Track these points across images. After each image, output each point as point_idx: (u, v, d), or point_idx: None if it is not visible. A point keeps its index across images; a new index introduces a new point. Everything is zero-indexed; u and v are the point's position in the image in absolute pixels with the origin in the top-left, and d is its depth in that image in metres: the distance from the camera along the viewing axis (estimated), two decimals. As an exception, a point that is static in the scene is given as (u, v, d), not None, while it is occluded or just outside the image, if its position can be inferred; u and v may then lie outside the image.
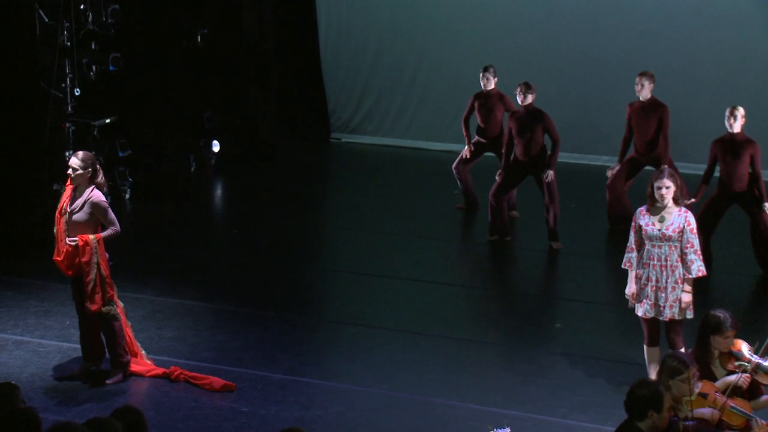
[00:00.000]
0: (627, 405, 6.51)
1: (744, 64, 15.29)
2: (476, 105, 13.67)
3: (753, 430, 7.03)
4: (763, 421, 7.04)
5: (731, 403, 7.09)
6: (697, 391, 7.03)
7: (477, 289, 11.87)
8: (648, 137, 12.72)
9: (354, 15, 17.66)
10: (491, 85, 13.52)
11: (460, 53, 16.76)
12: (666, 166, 9.40)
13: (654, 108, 12.67)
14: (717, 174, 11.59)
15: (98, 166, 9.35)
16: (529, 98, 12.51)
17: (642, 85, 12.62)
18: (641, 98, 12.69)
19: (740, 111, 11.33)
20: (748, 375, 7.28)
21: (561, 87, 15.66)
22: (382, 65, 17.57)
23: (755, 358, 7.41)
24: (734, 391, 7.23)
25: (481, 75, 13.58)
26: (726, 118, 11.35)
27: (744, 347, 7.49)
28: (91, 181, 9.24)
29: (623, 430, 6.54)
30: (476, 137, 13.83)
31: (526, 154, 12.53)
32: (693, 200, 10.37)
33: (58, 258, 9.33)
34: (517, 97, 12.59)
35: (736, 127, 11.31)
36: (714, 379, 7.34)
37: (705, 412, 7.09)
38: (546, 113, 12.50)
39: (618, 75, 15.20)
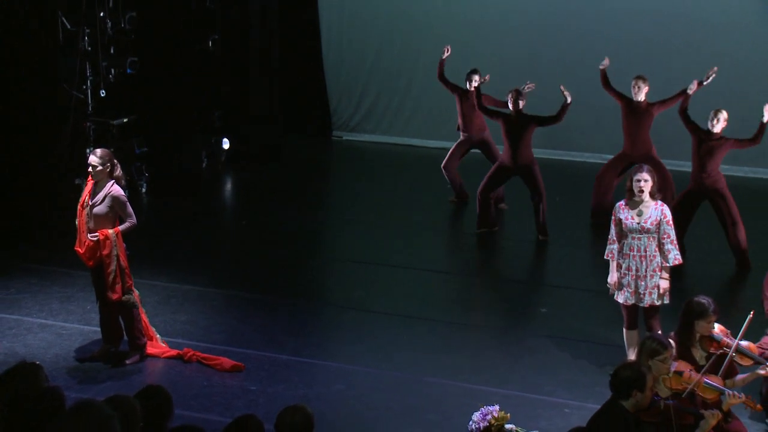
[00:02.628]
0: (612, 385, 6.52)
1: (741, 68, 15.20)
2: (458, 102, 13.71)
3: (725, 401, 7.09)
4: (735, 392, 7.09)
5: (705, 378, 7.14)
6: (673, 369, 7.06)
7: (469, 276, 11.88)
8: (639, 137, 12.64)
9: (354, 21, 17.66)
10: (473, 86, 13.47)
11: (454, 56, 16.72)
12: (645, 164, 9.40)
13: (646, 109, 12.56)
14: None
15: (115, 161, 9.36)
16: (520, 104, 12.46)
17: (639, 87, 12.51)
18: (637, 100, 12.54)
19: (723, 114, 11.34)
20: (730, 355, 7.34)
21: (550, 90, 15.59)
22: (381, 68, 17.57)
23: (733, 341, 7.44)
24: (711, 370, 7.27)
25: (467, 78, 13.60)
26: (709, 119, 11.35)
27: (719, 331, 7.53)
28: (110, 175, 9.24)
29: (608, 407, 6.54)
30: (460, 135, 13.86)
31: (514, 160, 12.51)
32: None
33: (80, 249, 9.33)
34: (509, 103, 12.54)
35: (717, 129, 11.32)
36: (693, 360, 7.37)
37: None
38: (534, 117, 12.44)
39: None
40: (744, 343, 7.55)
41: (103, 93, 13.76)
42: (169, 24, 15.52)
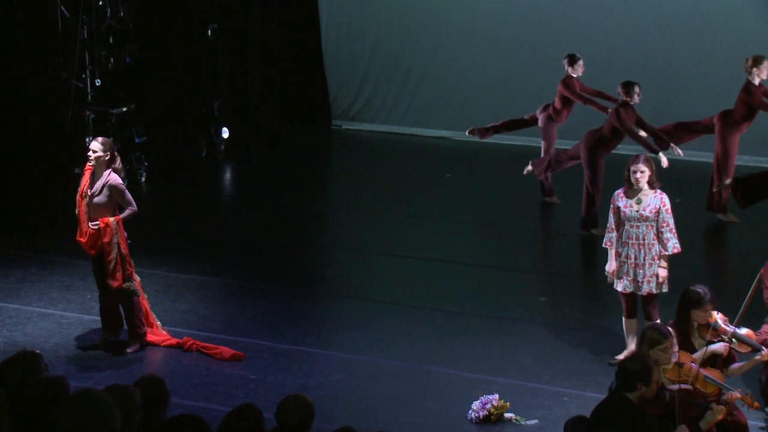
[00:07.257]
0: (618, 377, 6.48)
1: (740, 56, 15.09)
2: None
3: (724, 398, 7.04)
4: (735, 392, 7.04)
5: (705, 372, 7.12)
6: (674, 360, 7.04)
7: (468, 265, 11.87)
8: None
9: (353, 9, 17.63)
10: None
11: (454, 44, 16.74)
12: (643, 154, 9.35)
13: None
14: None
15: (116, 152, 9.36)
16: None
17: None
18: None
19: None
20: (726, 344, 7.35)
21: (550, 77, 15.57)
22: (380, 57, 17.54)
23: (731, 328, 7.45)
24: (709, 361, 7.27)
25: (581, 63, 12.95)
26: None
27: (718, 318, 7.54)
28: (109, 165, 9.24)
29: (613, 398, 6.51)
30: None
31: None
32: None
33: (82, 239, 9.34)
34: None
35: None
36: (693, 349, 7.36)
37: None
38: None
39: (603, 70, 15.13)
40: (743, 330, 7.56)
41: (98, 82, 13.74)
42: (168, 12, 15.50)
